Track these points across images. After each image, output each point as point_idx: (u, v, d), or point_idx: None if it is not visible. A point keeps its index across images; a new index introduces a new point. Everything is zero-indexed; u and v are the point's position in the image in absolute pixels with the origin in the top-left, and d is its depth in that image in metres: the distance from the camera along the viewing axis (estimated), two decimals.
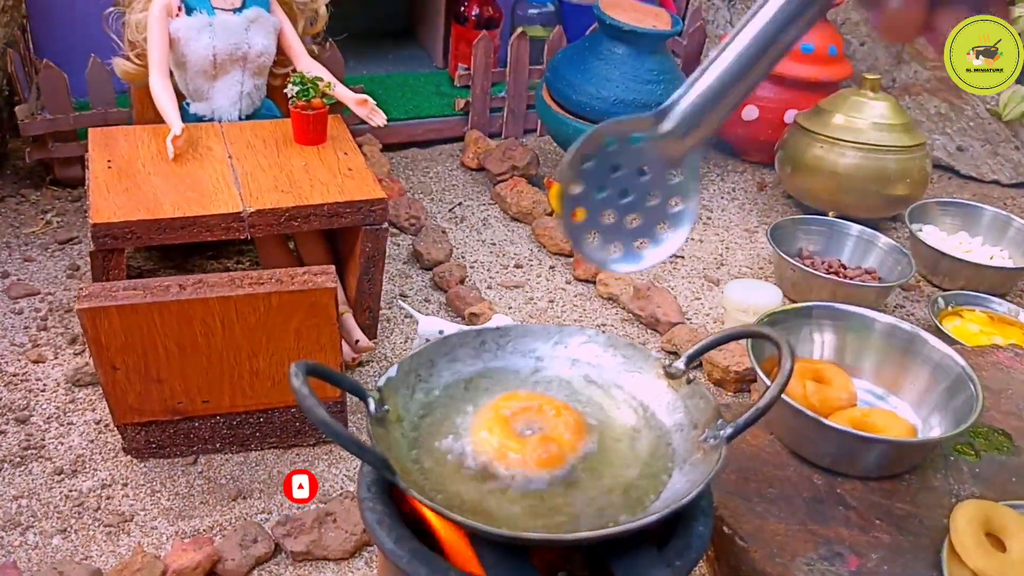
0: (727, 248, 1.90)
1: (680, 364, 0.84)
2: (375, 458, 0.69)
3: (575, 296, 1.70)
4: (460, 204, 1.97)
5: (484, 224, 1.91)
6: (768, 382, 0.98)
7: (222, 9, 1.53)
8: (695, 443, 0.76)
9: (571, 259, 1.79)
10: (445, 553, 0.74)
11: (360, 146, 1.98)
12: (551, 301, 1.68)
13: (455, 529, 0.73)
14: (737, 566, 0.97)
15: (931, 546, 0.96)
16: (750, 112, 2.15)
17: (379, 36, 2.56)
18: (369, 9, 2.52)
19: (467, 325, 1.54)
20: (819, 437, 1.02)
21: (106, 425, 1.30)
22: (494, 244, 1.84)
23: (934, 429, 1.08)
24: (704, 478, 0.71)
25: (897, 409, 1.12)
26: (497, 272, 1.75)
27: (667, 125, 0.53)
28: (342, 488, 1.24)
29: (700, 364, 1.54)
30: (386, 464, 0.69)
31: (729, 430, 0.74)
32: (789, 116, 2.12)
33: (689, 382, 0.83)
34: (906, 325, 1.16)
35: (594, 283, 1.72)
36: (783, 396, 1.02)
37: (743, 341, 1.13)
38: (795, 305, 1.20)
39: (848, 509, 1.00)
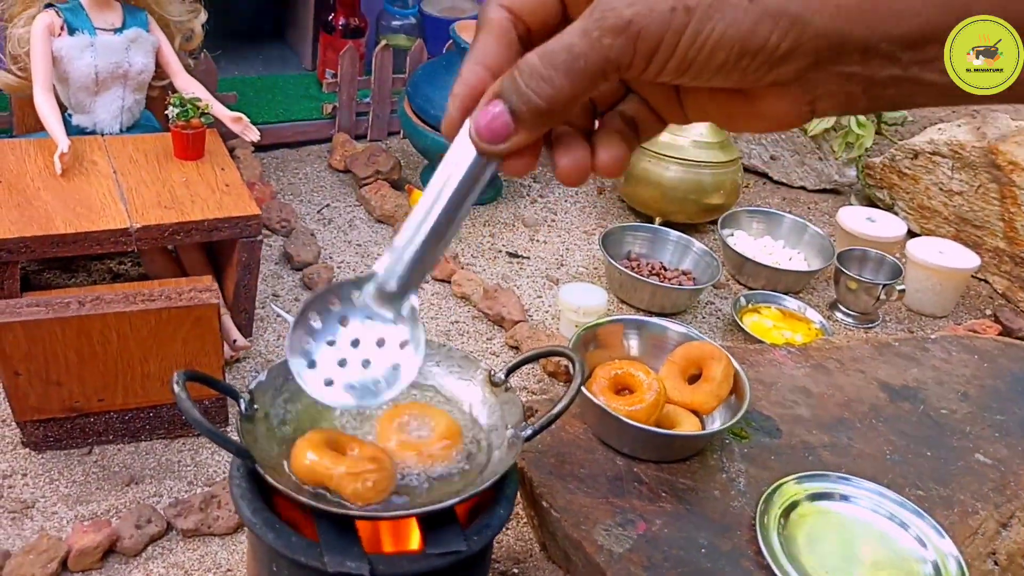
0: (567, 249, 2.15)
1: (501, 375, 1.07)
2: (235, 447, 0.89)
3: (432, 295, 1.91)
4: (328, 205, 2.14)
5: (350, 225, 2.09)
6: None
7: (103, 29, 1.65)
8: (505, 441, 0.99)
9: None
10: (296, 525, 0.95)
11: (233, 149, 2.13)
12: None
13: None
14: (553, 532, 1.22)
15: (702, 513, 1.23)
16: None
17: (248, 37, 2.66)
18: (238, 10, 2.62)
19: None
20: (621, 431, 1.27)
21: (3, 420, 1.43)
22: (359, 245, 2.03)
23: (716, 422, 1.35)
24: (500, 471, 0.93)
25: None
26: (362, 272, 1.94)
27: (391, 287, 0.54)
28: (225, 472, 1.42)
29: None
30: (243, 451, 0.89)
31: (528, 431, 0.97)
32: None
33: (507, 390, 1.06)
34: (694, 332, 1.42)
35: (449, 283, 1.93)
36: (595, 401, 1.27)
37: (571, 338, 1.36)
38: (613, 317, 1.46)
39: (641, 485, 1.26)
